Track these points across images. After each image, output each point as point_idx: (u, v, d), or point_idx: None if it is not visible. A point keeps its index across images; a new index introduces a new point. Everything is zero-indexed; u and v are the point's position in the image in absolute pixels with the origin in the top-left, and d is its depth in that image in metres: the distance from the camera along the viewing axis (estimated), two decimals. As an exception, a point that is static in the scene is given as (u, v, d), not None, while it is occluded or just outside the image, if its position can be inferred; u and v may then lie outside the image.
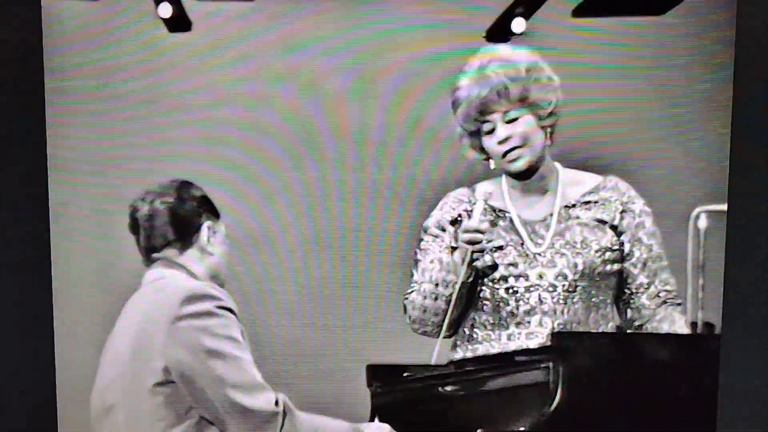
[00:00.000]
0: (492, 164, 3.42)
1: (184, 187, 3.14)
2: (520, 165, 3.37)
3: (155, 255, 3.09)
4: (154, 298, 2.99)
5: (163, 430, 2.91)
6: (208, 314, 2.93)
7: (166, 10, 4.66)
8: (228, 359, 2.91)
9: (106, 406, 2.97)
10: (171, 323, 2.91)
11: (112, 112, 4.61)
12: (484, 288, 3.37)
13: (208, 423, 2.95)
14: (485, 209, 3.38)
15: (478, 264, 3.32)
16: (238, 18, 4.72)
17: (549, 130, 3.38)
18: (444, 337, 3.34)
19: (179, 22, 4.67)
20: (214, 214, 3.16)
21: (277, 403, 2.96)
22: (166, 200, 3.09)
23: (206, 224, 3.11)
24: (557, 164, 3.45)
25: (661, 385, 2.92)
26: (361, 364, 3.33)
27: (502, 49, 3.42)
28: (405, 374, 3.24)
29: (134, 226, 3.11)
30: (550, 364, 2.91)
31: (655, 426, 2.91)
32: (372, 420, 3.29)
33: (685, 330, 3.33)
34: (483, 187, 3.39)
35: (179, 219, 3.08)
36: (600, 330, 3.32)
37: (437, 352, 3.25)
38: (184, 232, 3.09)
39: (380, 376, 3.28)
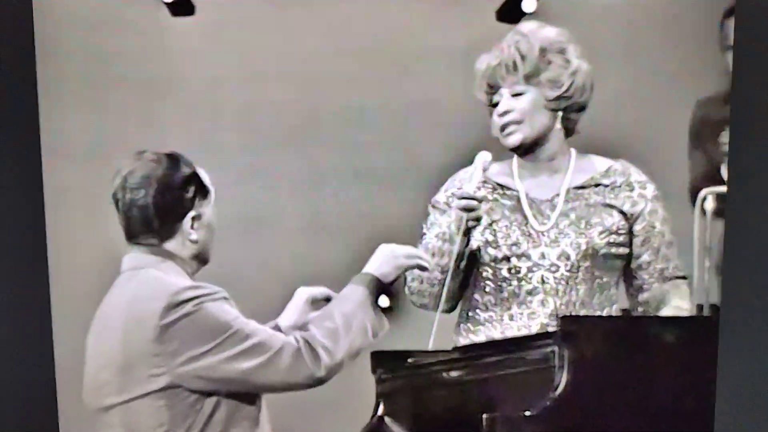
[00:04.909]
0: None
1: (171, 168, 2.97)
2: (512, 140, 3.35)
3: (135, 240, 2.98)
4: (136, 300, 2.89)
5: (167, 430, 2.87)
6: (192, 313, 2.84)
7: (168, -6, 4.66)
8: (228, 341, 2.85)
9: (104, 406, 2.91)
10: (158, 333, 2.84)
11: (110, 97, 4.61)
12: (486, 268, 3.36)
13: (226, 408, 2.90)
14: (485, 182, 3.36)
15: (474, 236, 3.30)
16: (242, 1, 4.71)
17: (562, 114, 3.36)
18: (443, 312, 3.31)
19: (182, 7, 4.67)
20: (203, 192, 3.00)
21: (297, 341, 2.88)
22: (150, 188, 2.93)
23: (190, 215, 2.96)
24: (572, 149, 3.43)
25: (667, 368, 2.91)
26: (365, 351, 3.31)
27: (528, 24, 3.40)
28: (409, 360, 3.23)
29: (116, 206, 2.97)
30: (555, 349, 2.89)
31: (662, 409, 2.89)
32: (376, 408, 3.29)
33: (687, 301, 3.34)
34: (482, 156, 3.36)
35: (164, 210, 2.94)
36: (605, 312, 3.32)
37: (435, 329, 3.23)
38: (168, 222, 2.96)
39: (384, 362, 3.28)
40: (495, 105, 3.37)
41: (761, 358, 2.70)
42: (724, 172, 3.89)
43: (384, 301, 3.01)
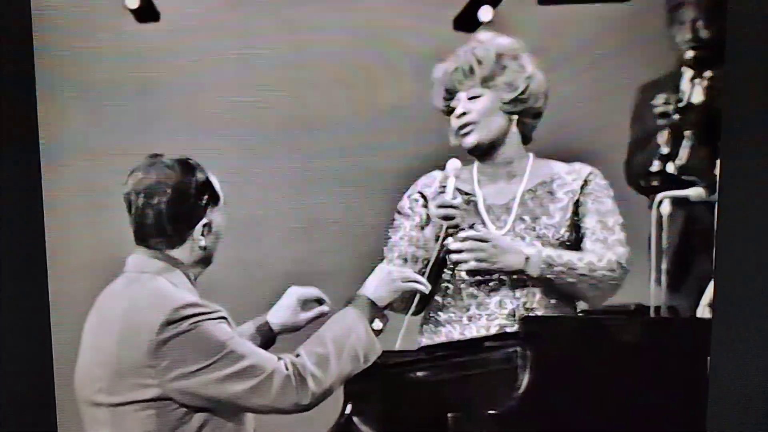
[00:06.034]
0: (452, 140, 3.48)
1: (186, 174, 2.93)
2: (469, 140, 3.42)
3: (144, 243, 2.93)
4: (135, 307, 2.86)
5: None
6: (188, 331, 2.82)
7: (132, 1, 4.66)
8: (221, 361, 2.83)
9: (94, 402, 2.89)
10: (154, 347, 2.81)
11: (102, 101, 4.60)
12: (445, 270, 3.42)
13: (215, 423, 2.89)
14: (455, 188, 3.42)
15: (447, 242, 3.36)
16: (207, 6, 4.72)
17: (517, 118, 3.43)
18: (412, 314, 3.34)
19: (147, 13, 4.67)
20: (214, 198, 2.96)
21: (286, 367, 2.86)
22: (164, 195, 2.89)
23: (202, 222, 2.93)
24: (530, 154, 3.50)
25: (628, 367, 2.96)
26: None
27: (484, 34, 3.49)
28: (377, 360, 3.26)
29: (127, 208, 2.93)
30: (518, 349, 2.94)
31: (624, 408, 2.95)
32: (344, 407, 3.32)
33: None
34: (453, 164, 3.42)
35: (178, 217, 2.90)
36: (563, 312, 3.37)
37: (404, 332, 3.26)
38: (181, 229, 2.92)
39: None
40: (452, 111, 3.44)
41: (753, 359, 2.74)
42: (661, 139, 3.96)
43: (377, 324, 3.00)
